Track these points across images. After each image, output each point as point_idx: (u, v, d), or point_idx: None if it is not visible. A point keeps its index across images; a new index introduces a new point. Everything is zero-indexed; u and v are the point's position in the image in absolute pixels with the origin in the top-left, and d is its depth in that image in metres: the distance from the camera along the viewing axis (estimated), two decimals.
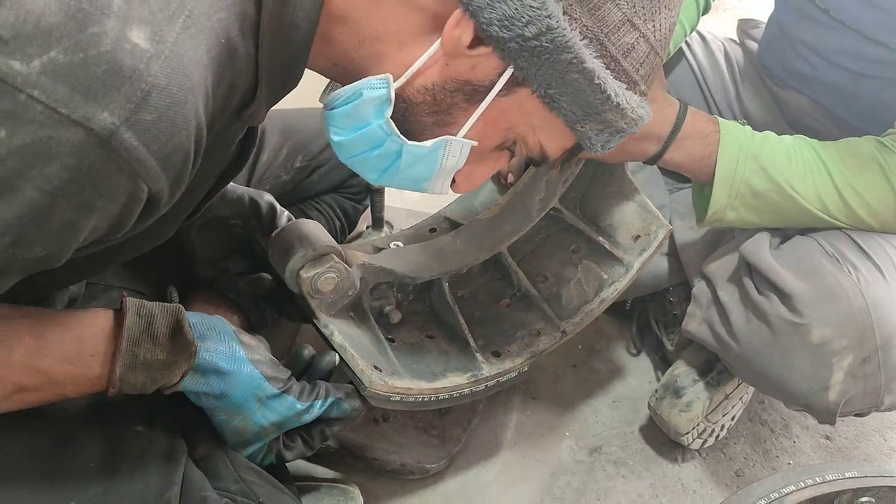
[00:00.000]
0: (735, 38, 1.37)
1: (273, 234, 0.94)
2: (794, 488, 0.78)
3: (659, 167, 1.37)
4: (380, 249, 1.06)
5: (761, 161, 0.96)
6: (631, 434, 1.26)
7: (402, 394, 0.94)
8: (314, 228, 0.94)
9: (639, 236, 1.07)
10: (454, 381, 1.00)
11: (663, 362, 1.34)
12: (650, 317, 1.36)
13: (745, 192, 0.97)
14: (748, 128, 0.99)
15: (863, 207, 0.97)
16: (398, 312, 1.04)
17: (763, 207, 0.99)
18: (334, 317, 0.93)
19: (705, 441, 1.21)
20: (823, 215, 0.98)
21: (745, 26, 1.35)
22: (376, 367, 0.93)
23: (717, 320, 1.07)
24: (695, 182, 1.05)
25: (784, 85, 1.23)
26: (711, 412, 1.18)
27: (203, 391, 0.81)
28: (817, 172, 0.96)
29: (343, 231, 1.30)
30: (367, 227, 1.43)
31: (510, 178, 1.14)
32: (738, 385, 1.20)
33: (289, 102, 0.79)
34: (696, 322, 1.12)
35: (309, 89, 0.76)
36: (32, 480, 0.71)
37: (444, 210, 1.17)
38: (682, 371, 1.20)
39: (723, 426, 1.22)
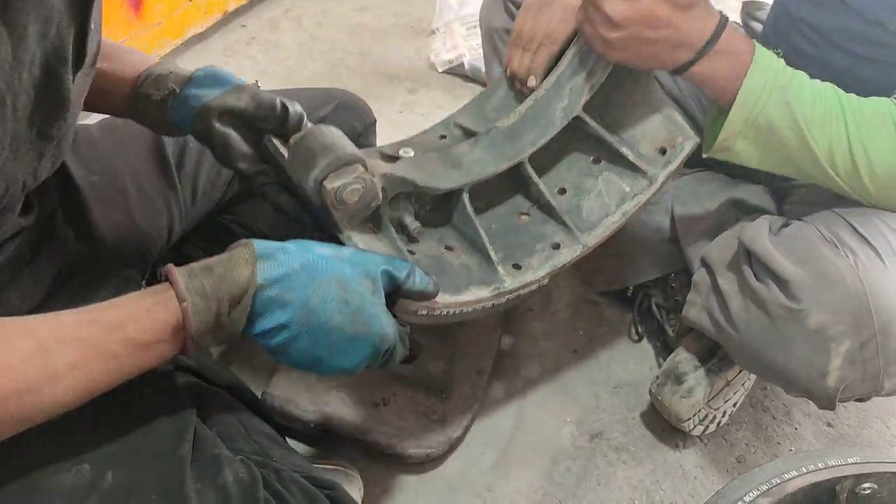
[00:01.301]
0: (739, 21, 1.36)
1: (292, 140, 0.88)
2: (795, 474, 0.78)
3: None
4: (392, 158, 1.01)
5: (787, 95, 0.93)
6: (632, 420, 1.26)
7: (428, 307, 0.90)
8: (337, 135, 0.89)
9: (664, 149, 1.04)
10: (478, 295, 0.96)
11: (665, 348, 1.34)
12: (652, 303, 1.36)
13: (762, 122, 0.94)
14: (782, 60, 0.97)
15: (865, 167, 0.95)
16: (417, 223, 0.99)
17: (773, 145, 0.96)
18: (355, 229, 0.89)
19: (707, 427, 1.21)
20: (828, 167, 0.96)
21: (749, 8, 1.34)
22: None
23: (717, 308, 1.06)
24: (714, 108, 1.02)
25: (788, 65, 1.22)
26: (713, 398, 1.18)
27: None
28: (836, 121, 0.94)
29: None
30: None
31: (532, 81, 1.08)
32: (740, 371, 1.20)
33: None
34: (696, 309, 1.12)
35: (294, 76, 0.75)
36: (41, 443, 0.71)
37: (454, 116, 1.12)
38: (683, 357, 1.20)
39: (724, 412, 1.22)
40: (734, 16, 1.38)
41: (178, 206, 1.06)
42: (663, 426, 1.24)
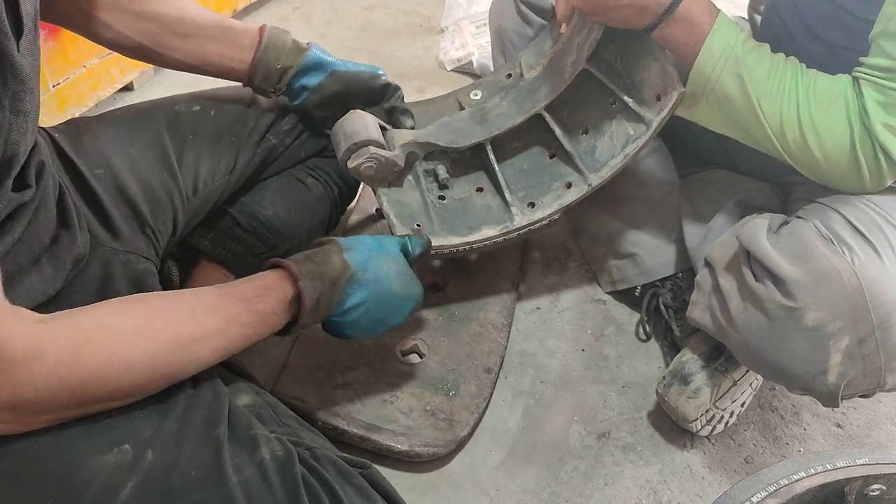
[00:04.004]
0: (745, 16, 1.36)
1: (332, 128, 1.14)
2: (804, 475, 0.78)
3: (671, 152, 1.38)
4: (458, 103, 1.29)
5: (741, 67, 0.99)
6: (640, 419, 1.25)
7: (435, 249, 1.14)
8: (357, 124, 1.12)
9: (659, 96, 1.10)
10: (486, 234, 1.17)
11: (672, 348, 1.33)
12: (660, 302, 1.35)
13: (717, 90, 1.01)
14: (745, 33, 1.01)
15: (817, 145, 0.98)
16: (447, 175, 1.20)
17: (729, 113, 1.03)
18: (392, 183, 1.17)
19: (714, 427, 1.20)
20: (776, 141, 1.00)
21: (754, 2, 1.34)
22: (416, 228, 1.16)
23: (718, 308, 1.06)
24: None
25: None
26: (720, 398, 1.18)
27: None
28: (788, 98, 0.98)
29: (342, 197, 1.31)
30: (376, 210, 1.42)
31: (563, 27, 1.21)
32: (747, 371, 1.19)
33: None
34: (699, 309, 1.12)
35: None
36: (81, 429, 0.73)
37: (521, 54, 1.28)
38: (689, 358, 1.19)
39: (732, 413, 1.21)
40: (742, 11, 1.39)
41: (180, 199, 1.07)
42: (671, 426, 1.23)
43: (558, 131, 1.18)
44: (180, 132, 1.10)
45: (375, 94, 1.19)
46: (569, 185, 1.18)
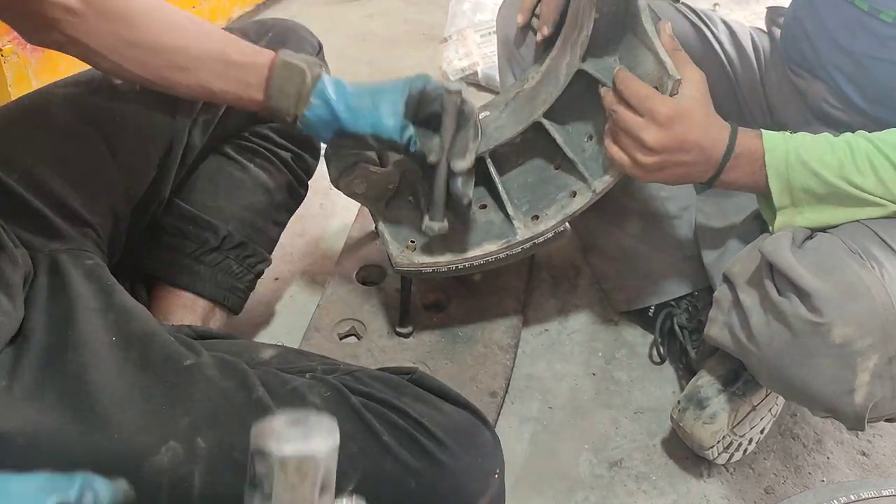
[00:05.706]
0: (763, 27, 1.34)
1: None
2: None
3: None
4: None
5: (812, 167, 0.96)
6: (653, 447, 1.22)
7: (432, 266, 1.14)
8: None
9: (656, 87, 1.07)
10: (487, 249, 1.15)
11: (688, 371, 1.30)
12: (674, 323, 1.33)
13: (805, 198, 0.98)
14: (797, 135, 0.99)
15: None
16: None
17: (831, 209, 0.99)
18: (390, 202, 1.16)
19: (732, 455, 1.17)
20: (881, 204, 0.96)
21: (773, 14, 1.33)
22: (410, 245, 1.15)
23: (738, 324, 1.04)
24: (758, 196, 1.05)
25: (798, 72, 1.20)
26: (737, 424, 1.15)
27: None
28: (877, 164, 0.95)
29: (297, 162, 1.28)
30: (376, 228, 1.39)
31: (545, 30, 1.18)
32: (766, 396, 1.17)
33: None
34: (717, 327, 1.09)
35: None
36: (121, 431, 0.75)
37: (530, 70, 1.25)
38: (705, 381, 1.17)
39: (751, 440, 1.18)
40: (760, 22, 1.36)
41: (118, 184, 1.03)
42: (686, 454, 1.21)
43: (560, 139, 1.15)
44: (100, 112, 1.03)
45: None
46: (573, 195, 1.15)
